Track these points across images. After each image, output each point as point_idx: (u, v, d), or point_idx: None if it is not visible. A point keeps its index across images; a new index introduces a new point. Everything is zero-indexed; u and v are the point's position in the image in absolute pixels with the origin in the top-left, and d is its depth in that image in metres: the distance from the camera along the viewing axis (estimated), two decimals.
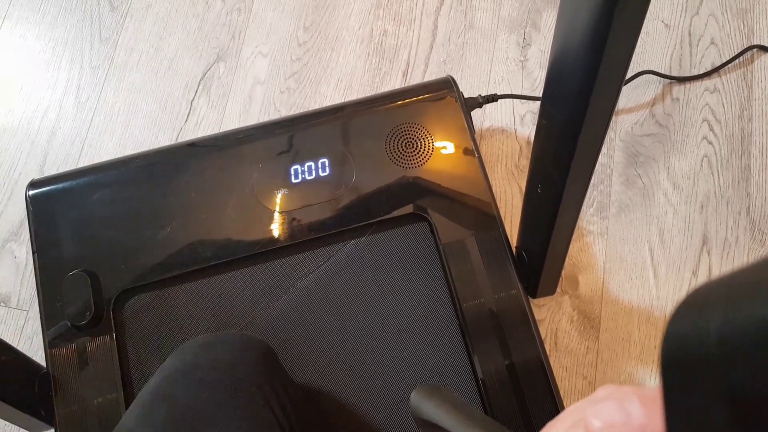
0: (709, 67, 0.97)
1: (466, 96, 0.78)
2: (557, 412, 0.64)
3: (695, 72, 0.97)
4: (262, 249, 0.70)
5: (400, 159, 0.73)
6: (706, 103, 0.96)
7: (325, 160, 0.73)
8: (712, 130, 0.94)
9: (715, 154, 0.93)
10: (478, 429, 0.31)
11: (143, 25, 1.07)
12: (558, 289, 0.72)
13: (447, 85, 0.76)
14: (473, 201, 0.71)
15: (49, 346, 0.67)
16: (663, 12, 1.01)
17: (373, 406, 0.66)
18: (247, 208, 0.72)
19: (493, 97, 0.88)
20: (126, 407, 0.65)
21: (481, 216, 0.70)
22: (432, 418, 0.33)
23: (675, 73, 0.97)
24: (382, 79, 1.01)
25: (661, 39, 1.00)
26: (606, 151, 0.95)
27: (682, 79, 0.96)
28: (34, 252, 0.71)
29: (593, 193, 0.92)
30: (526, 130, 0.96)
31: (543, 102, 0.47)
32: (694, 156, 0.93)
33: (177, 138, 1.00)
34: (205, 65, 1.04)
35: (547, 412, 0.64)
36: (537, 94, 0.97)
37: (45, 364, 0.68)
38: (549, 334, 0.86)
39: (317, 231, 0.71)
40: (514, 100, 0.97)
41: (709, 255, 0.88)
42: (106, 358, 0.67)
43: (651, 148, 0.94)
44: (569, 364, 0.85)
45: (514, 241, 0.69)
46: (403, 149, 0.73)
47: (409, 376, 0.67)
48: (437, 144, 0.73)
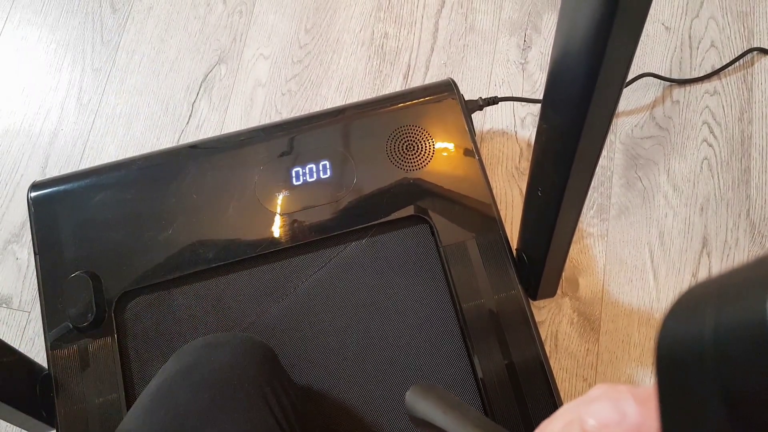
0: (709, 70, 0.97)
1: (466, 98, 0.78)
2: None
3: (695, 74, 0.97)
4: (263, 251, 0.70)
5: (400, 161, 0.73)
6: (706, 106, 0.96)
7: (326, 163, 0.73)
8: (712, 132, 0.94)
9: (715, 156, 0.93)
10: (473, 427, 0.31)
11: (145, 28, 1.07)
12: (558, 291, 0.72)
13: (448, 88, 0.77)
14: (474, 203, 0.71)
15: (51, 347, 0.67)
16: (663, 14, 1.01)
17: (374, 407, 0.66)
18: (248, 210, 0.72)
19: (493, 100, 0.88)
20: (127, 408, 0.65)
21: (482, 218, 0.70)
22: (427, 416, 0.33)
23: (675, 76, 0.97)
24: (383, 81, 1.01)
25: (662, 41, 1.00)
26: (606, 153, 0.95)
27: (682, 82, 0.97)
28: (35, 253, 0.71)
29: (593, 195, 0.93)
30: (527, 133, 0.96)
31: (544, 105, 0.47)
32: (694, 158, 0.93)
33: (178, 140, 1.00)
34: (207, 67, 1.04)
35: (547, 413, 0.63)
36: (537, 96, 0.97)
37: (46, 366, 0.68)
38: (549, 335, 0.86)
39: (318, 233, 0.71)
40: (515, 102, 0.97)
41: (709, 257, 0.88)
42: (108, 360, 0.67)
43: (651, 150, 0.94)
44: (569, 365, 0.85)
45: (514, 243, 0.69)
46: (404, 151, 0.73)
47: (409, 377, 0.67)
48: (438, 146, 0.73)
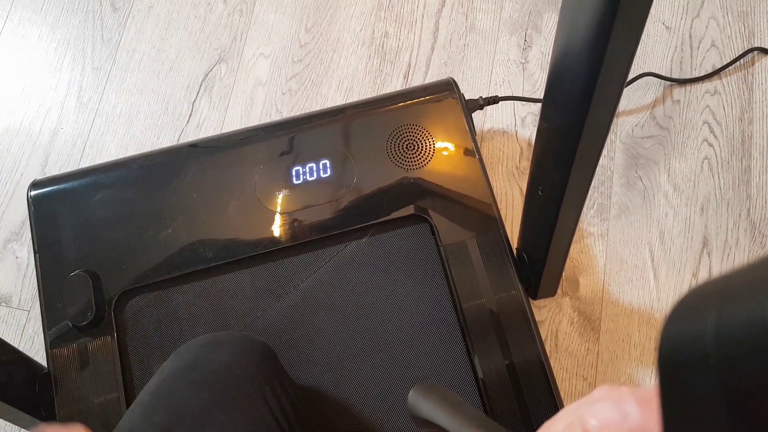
0: (709, 70, 0.97)
1: (467, 98, 0.78)
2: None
3: (696, 74, 0.97)
4: (263, 250, 0.70)
5: (401, 160, 0.73)
6: (707, 106, 0.96)
7: (326, 162, 0.73)
8: (712, 132, 0.94)
9: (716, 156, 0.93)
10: (475, 427, 0.31)
11: (145, 26, 1.07)
12: (558, 291, 0.72)
13: (448, 87, 0.77)
14: (474, 202, 0.71)
15: (51, 346, 0.67)
16: (664, 14, 1.01)
17: (374, 406, 0.66)
18: (248, 209, 0.72)
19: (494, 99, 0.88)
20: (127, 407, 0.65)
21: (482, 217, 0.70)
22: (429, 416, 0.33)
23: (676, 76, 0.97)
24: (384, 80, 1.01)
25: (662, 41, 1.00)
26: (606, 153, 0.95)
27: (682, 82, 0.97)
28: (35, 252, 0.71)
29: (594, 194, 0.93)
30: (527, 132, 0.96)
31: (544, 104, 0.47)
32: (694, 158, 0.93)
33: (178, 139, 1.00)
34: (207, 66, 1.04)
35: (548, 413, 0.64)
36: (538, 95, 0.97)
37: (46, 365, 0.68)
38: (549, 335, 0.86)
39: (318, 232, 0.71)
40: (515, 102, 0.97)
41: (709, 257, 0.88)
42: (107, 359, 0.67)
43: (651, 150, 0.94)
44: (569, 365, 0.85)
45: (514, 242, 0.69)
46: (405, 151, 0.73)
47: (409, 376, 0.67)
48: (438, 145, 0.73)
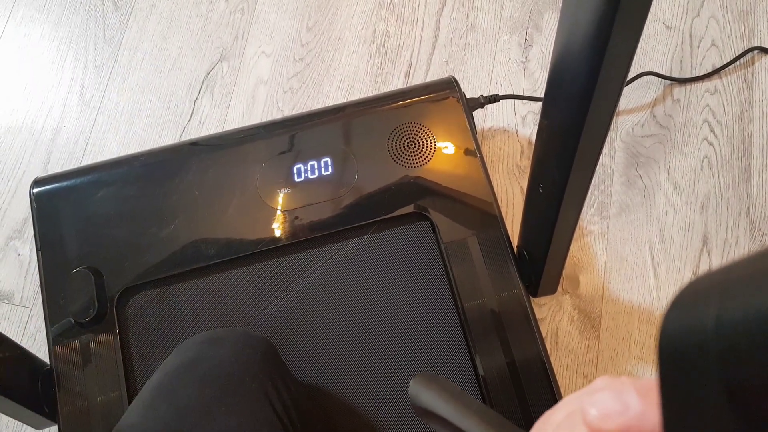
0: (709, 69, 0.97)
1: (468, 96, 0.78)
2: None
3: (696, 73, 0.97)
4: (264, 247, 0.70)
5: (402, 158, 0.73)
6: (707, 105, 0.96)
7: (327, 160, 0.73)
8: (712, 131, 0.94)
9: (716, 155, 0.93)
10: (476, 417, 0.31)
11: (147, 25, 1.07)
12: (559, 289, 0.72)
13: (449, 86, 0.77)
14: (475, 200, 0.71)
15: (53, 342, 0.68)
16: (664, 13, 1.01)
17: (374, 403, 0.66)
18: (250, 207, 0.72)
19: (494, 98, 0.88)
20: (129, 403, 0.65)
21: (483, 215, 0.71)
22: (430, 406, 0.33)
23: (676, 75, 0.97)
24: (385, 79, 1.01)
25: (662, 40, 1.00)
26: (607, 151, 0.95)
27: (682, 81, 0.97)
28: (38, 249, 0.71)
29: (594, 193, 0.93)
30: (528, 131, 0.96)
31: (545, 102, 0.48)
32: (694, 157, 0.93)
33: (180, 137, 1.01)
34: (209, 65, 1.04)
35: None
36: (538, 94, 0.97)
37: (48, 361, 0.68)
38: (550, 333, 0.86)
39: (319, 230, 0.71)
40: (516, 100, 0.97)
41: (709, 255, 0.89)
42: (110, 355, 0.67)
43: (652, 148, 0.94)
44: (570, 363, 0.85)
45: (515, 240, 0.69)
46: (406, 149, 0.73)
47: (410, 373, 0.66)
48: (439, 144, 0.74)
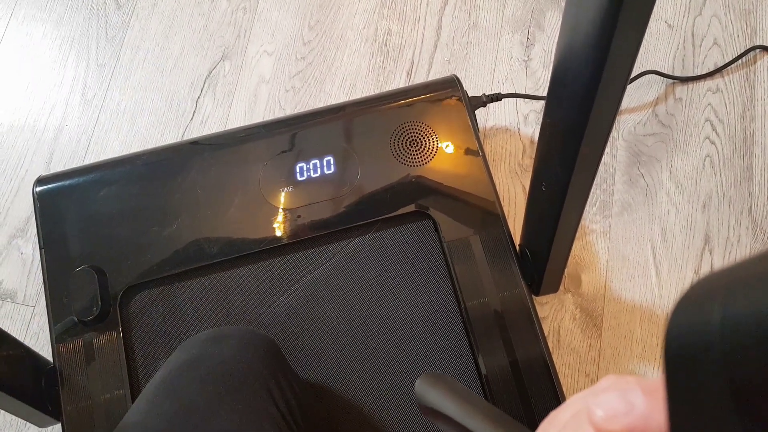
0: (711, 68, 0.97)
1: (470, 95, 0.78)
2: None
3: (698, 72, 0.97)
4: (267, 246, 0.71)
5: (404, 157, 0.73)
6: (709, 103, 0.96)
7: (330, 158, 0.73)
8: (714, 130, 0.94)
9: (718, 153, 0.93)
10: (483, 417, 0.31)
11: (149, 24, 1.07)
12: (561, 287, 0.72)
13: (451, 84, 0.77)
14: (477, 199, 0.71)
15: (56, 341, 0.68)
16: (666, 12, 1.01)
17: (377, 401, 0.66)
18: (252, 206, 0.72)
19: (497, 96, 0.88)
20: (132, 402, 0.65)
21: (485, 214, 0.71)
22: (437, 405, 0.34)
23: (678, 73, 0.97)
24: (387, 78, 1.01)
25: (665, 39, 1.00)
26: (609, 150, 0.95)
27: (685, 79, 0.97)
28: (41, 248, 0.72)
29: (596, 192, 0.93)
30: (530, 129, 0.96)
31: (548, 101, 0.48)
32: (696, 156, 0.93)
33: (182, 136, 1.01)
34: (211, 64, 1.04)
35: (550, 409, 0.64)
36: (540, 93, 0.97)
37: (52, 360, 0.68)
38: (552, 331, 0.86)
39: (322, 228, 0.71)
40: (518, 99, 0.97)
41: (711, 254, 0.89)
42: (113, 353, 0.67)
43: (654, 147, 0.94)
44: (572, 361, 0.85)
45: (517, 239, 0.70)
46: (408, 148, 0.74)
47: (412, 372, 0.67)
48: (441, 142, 0.74)
